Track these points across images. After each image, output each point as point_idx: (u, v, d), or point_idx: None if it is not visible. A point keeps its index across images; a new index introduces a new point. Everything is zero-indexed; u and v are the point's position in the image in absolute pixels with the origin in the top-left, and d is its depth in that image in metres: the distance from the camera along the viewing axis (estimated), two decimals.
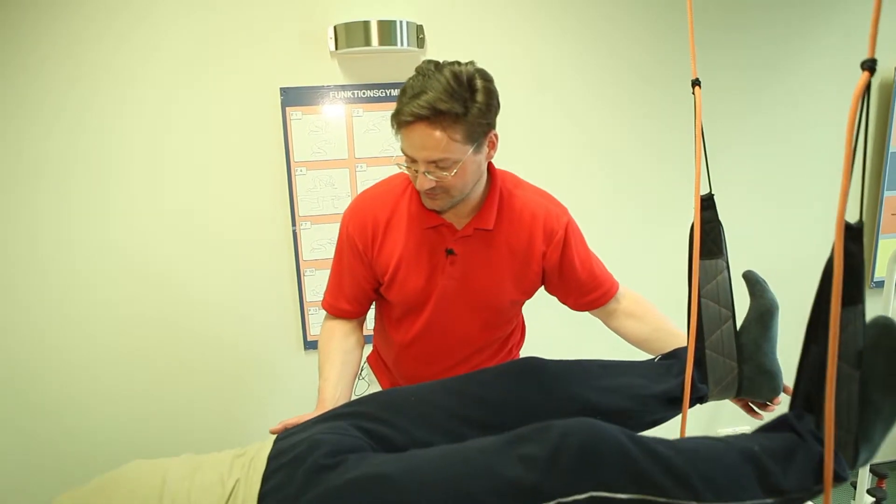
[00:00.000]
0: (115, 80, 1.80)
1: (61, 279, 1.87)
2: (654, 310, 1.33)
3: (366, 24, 1.80)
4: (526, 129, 2.01)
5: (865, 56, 0.61)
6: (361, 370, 1.44)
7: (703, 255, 1.00)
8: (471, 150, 1.07)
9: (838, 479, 0.75)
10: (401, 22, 1.83)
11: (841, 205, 0.60)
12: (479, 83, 1.06)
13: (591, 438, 0.78)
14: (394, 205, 1.23)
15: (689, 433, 1.02)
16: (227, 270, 1.95)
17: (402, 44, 1.83)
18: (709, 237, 0.98)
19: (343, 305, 1.30)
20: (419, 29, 1.88)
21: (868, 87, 0.63)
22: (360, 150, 1.97)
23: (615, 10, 1.97)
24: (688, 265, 0.99)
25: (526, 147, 2.02)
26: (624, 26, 1.98)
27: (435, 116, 1.02)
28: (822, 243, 1.39)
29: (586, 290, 1.29)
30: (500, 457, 0.80)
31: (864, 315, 0.71)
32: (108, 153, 1.84)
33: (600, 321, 1.35)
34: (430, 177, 1.08)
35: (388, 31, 1.81)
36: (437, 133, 1.04)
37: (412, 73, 1.08)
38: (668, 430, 0.91)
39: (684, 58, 1.98)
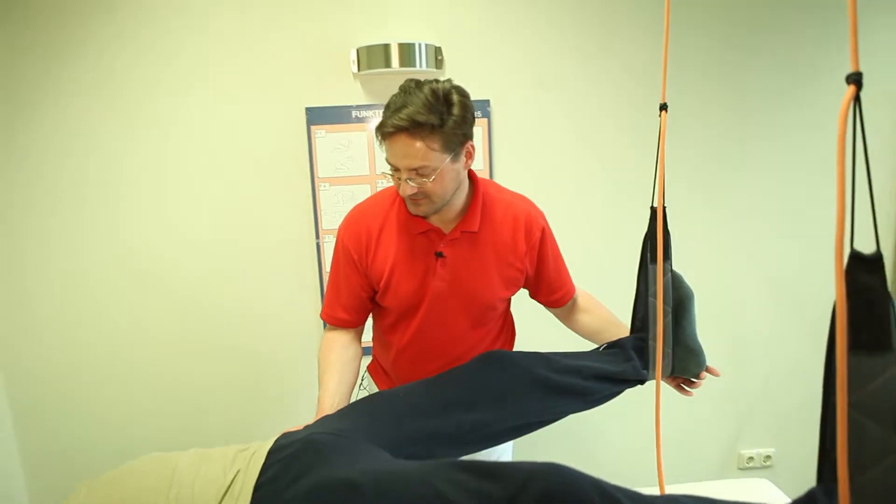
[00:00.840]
0: (153, 98, 1.81)
1: (97, 289, 1.89)
2: (601, 306, 1.44)
3: (386, 46, 1.77)
4: (536, 147, 1.96)
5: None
6: (362, 379, 1.43)
7: (653, 260, 1.12)
8: (448, 159, 1.13)
9: None
10: (420, 44, 1.79)
11: (839, 231, 0.53)
12: (455, 98, 1.11)
13: (555, 487, 0.74)
14: (384, 215, 1.27)
15: (712, 455, 1.04)
16: (252, 280, 1.95)
17: (420, 65, 1.79)
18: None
19: (341, 314, 1.32)
20: (437, 51, 1.83)
21: (858, 101, 0.55)
22: (381, 166, 1.93)
23: (630, 33, 1.89)
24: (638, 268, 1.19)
25: (538, 163, 1.96)
26: (638, 48, 1.90)
27: (414, 128, 1.08)
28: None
29: (554, 287, 1.37)
30: (460, 491, 0.78)
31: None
32: (143, 167, 1.85)
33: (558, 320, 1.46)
34: (411, 183, 1.13)
35: (407, 53, 1.78)
36: (417, 143, 1.09)
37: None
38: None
39: (701, 76, 1.91)
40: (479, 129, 1.92)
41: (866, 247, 0.60)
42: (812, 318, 2.09)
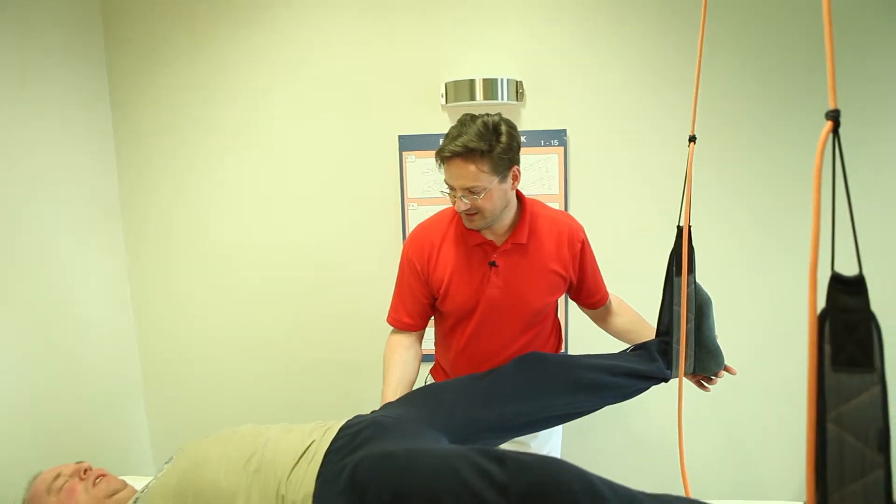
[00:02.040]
0: (271, 125, 2.08)
1: (219, 288, 2.19)
2: (630, 308, 1.57)
3: (472, 81, 1.92)
4: (608, 173, 2.01)
5: None
6: (425, 381, 1.56)
7: (679, 273, 1.25)
8: (496, 180, 1.28)
9: None
10: (502, 79, 1.92)
11: (813, 254, 0.57)
12: (503, 129, 1.27)
13: (546, 479, 0.82)
14: (444, 231, 1.45)
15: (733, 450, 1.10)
16: (346, 286, 2.15)
17: (502, 98, 1.92)
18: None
19: (405, 318, 1.47)
20: (518, 84, 1.95)
21: (837, 137, 0.59)
22: None
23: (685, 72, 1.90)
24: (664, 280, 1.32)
25: (608, 188, 2.01)
26: (711, 79, 1.90)
27: (467, 153, 1.24)
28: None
29: (592, 292, 1.51)
30: (470, 466, 0.91)
31: (882, 385, 0.63)
32: (261, 186, 2.12)
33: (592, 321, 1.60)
34: (465, 200, 1.29)
35: (490, 87, 1.92)
36: (470, 166, 1.25)
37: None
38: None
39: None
40: (555, 156, 2.00)
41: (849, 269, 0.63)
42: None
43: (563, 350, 1.70)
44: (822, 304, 0.63)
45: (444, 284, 1.42)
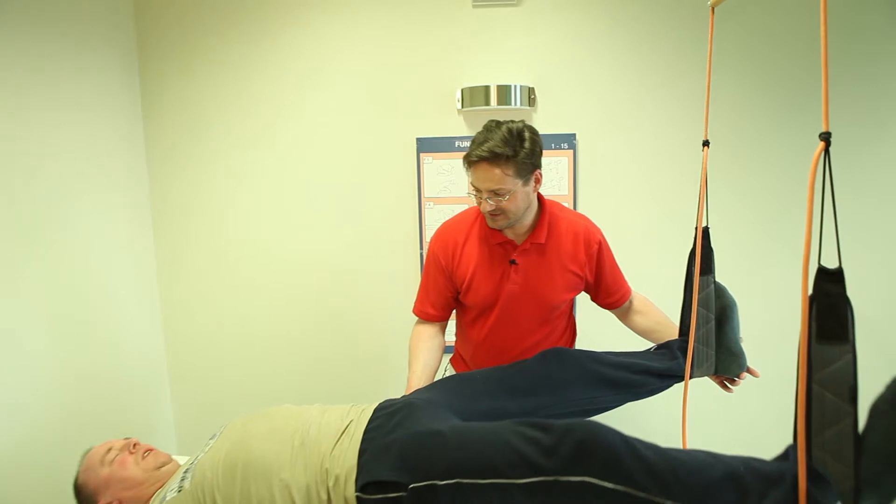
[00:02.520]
0: (298, 126, 2.22)
1: (253, 281, 2.32)
2: (655, 308, 1.62)
3: (486, 87, 2.07)
4: (615, 175, 2.16)
5: None
6: (444, 370, 1.69)
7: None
8: (520, 183, 1.37)
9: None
10: (515, 86, 2.07)
11: (805, 252, 0.73)
12: (526, 135, 1.36)
13: (589, 438, 0.93)
14: (468, 230, 1.53)
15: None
16: (365, 278, 2.28)
17: (515, 103, 2.07)
18: (704, 259, 1.22)
19: (429, 310, 1.58)
20: (531, 91, 2.10)
21: (827, 154, 0.75)
22: None
23: (691, 80, 2.04)
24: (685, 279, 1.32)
25: (615, 189, 2.16)
26: (695, 91, 2.04)
27: (493, 158, 1.33)
28: None
29: (611, 291, 1.57)
30: (518, 436, 1.00)
31: (853, 353, 0.79)
32: (287, 184, 2.26)
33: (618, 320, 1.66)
34: (490, 202, 1.38)
35: (504, 93, 2.06)
36: (495, 170, 1.33)
37: None
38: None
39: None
40: (564, 159, 2.16)
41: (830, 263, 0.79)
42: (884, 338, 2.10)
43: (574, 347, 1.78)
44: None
45: (467, 279, 1.51)
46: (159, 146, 2.25)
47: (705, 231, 1.25)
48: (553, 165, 2.16)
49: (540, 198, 1.51)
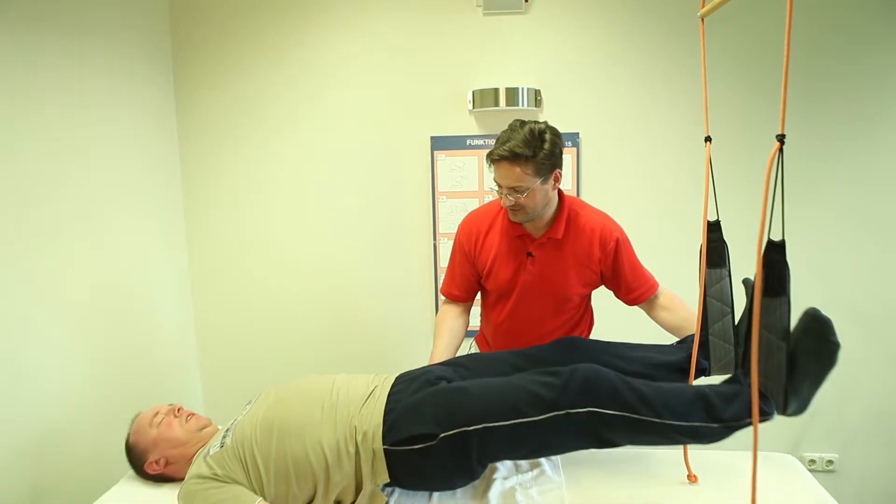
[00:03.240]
0: (316, 126, 2.42)
1: (277, 267, 2.54)
2: (683, 304, 1.63)
3: (496, 90, 2.26)
4: (616, 172, 2.35)
5: None
6: (469, 347, 1.87)
7: (709, 265, 1.25)
8: (539, 182, 1.46)
9: (764, 414, 1.06)
10: (523, 88, 2.26)
11: (760, 234, 0.92)
12: (547, 136, 1.45)
13: (592, 376, 1.15)
14: (491, 221, 1.65)
15: (776, 454, 1.37)
16: (382, 268, 2.48)
17: (523, 104, 2.26)
18: (715, 252, 1.25)
19: (454, 292, 1.73)
20: (537, 93, 2.30)
21: (781, 154, 0.94)
22: (488, 183, 2.41)
23: (691, 81, 2.20)
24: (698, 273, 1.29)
25: (617, 185, 2.35)
26: (691, 89, 2.21)
27: (513, 157, 1.42)
28: None
29: (632, 287, 1.63)
30: (532, 382, 1.20)
31: (788, 304, 0.99)
32: (309, 176, 2.47)
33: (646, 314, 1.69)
34: (510, 197, 1.48)
35: (512, 95, 2.25)
36: (515, 169, 1.43)
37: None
38: None
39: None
40: (568, 157, 2.35)
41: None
42: (880, 328, 2.27)
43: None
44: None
45: (487, 266, 1.63)
46: (191, 137, 2.47)
47: (717, 224, 1.24)
48: None
49: (561, 195, 1.60)
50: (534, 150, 1.42)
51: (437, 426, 1.20)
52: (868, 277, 2.29)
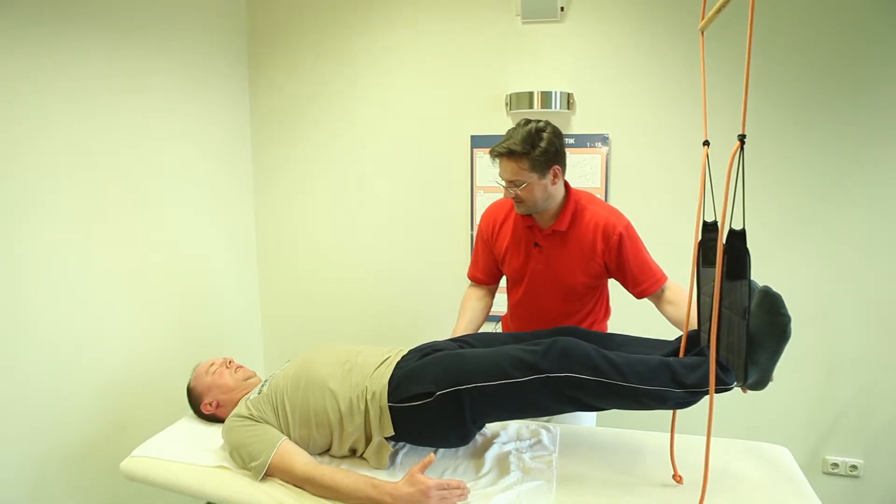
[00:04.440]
0: (368, 124, 2.64)
1: (333, 251, 2.78)
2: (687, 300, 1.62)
3: (531, 93, 2.38)
4: (645, 171, 2.42)
5: None
6: (495, 327, 2.00)
7: (705, 265, 1.23)
8: (536, 177, 1.57)
9: (723, 383, 1.15)
10: (556, 92, 2.38)
11: (721, 228, 1.03)
12: (545, 134, 1.54)
13: (569, 347, 1.28)
14: (507, 212, 1.79)
15: (796, 453, 1.54)
16: (424, 259, 2.66)
17: (556, 107, 2.38)
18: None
19: (478, 275, 1.89)
20: (569, 96, 2.41)
21: (742, 157, 1.03)
22: None
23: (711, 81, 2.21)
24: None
25: (645, 185, 2.42)
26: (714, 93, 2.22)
27: (510, 154, 1.55)
28: None
29: (639, 281, 1.67)
30: (518, 350, 1.35)
31: (748, 286, 1.08)
32: (361, 170, 2.69)
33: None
34: (510, 190, 1.61)
35: (546, 98, 2.37)
36: (512, 164, 1.56)
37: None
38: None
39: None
40: (598, 157, 2.44)
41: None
42: None
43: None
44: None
45: (502, 253, 1.78)
46: (262, 131, 2.77)
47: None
48: (588, 161, 2.45)
49: (569, 189, 1.69)
50: (531, 147, 1.53)
51: (435, 385, 1.36)
52: (893, 277, 2.24)
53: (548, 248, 1.70)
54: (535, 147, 1.54)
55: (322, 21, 2.63)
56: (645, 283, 1.67)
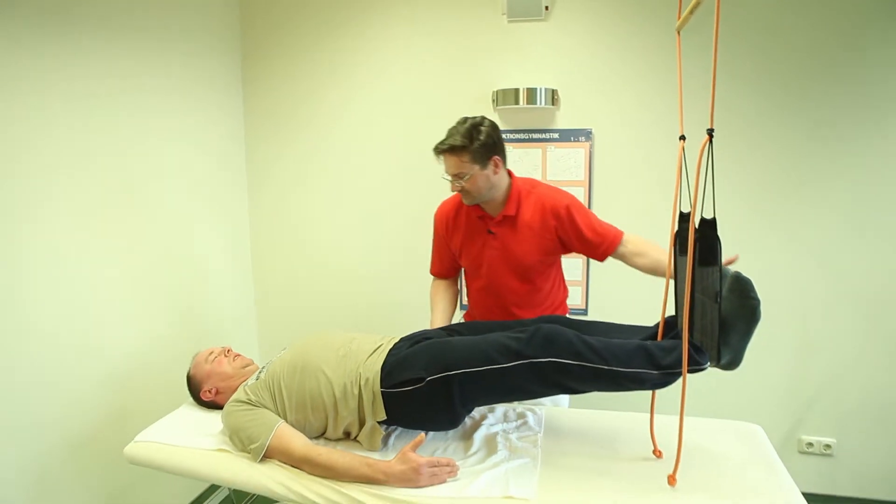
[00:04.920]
0: (362, 116, 2.69)
1: (329, 244, 2.84)
2: (651, 245, 1.71)
3: (516, 90, 2.44)
4: (627, 164, 2.49)
5: None
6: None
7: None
8: (477, 168, 1.67)
9: (697, 363, 1.21)
10: (541, 88, 2.44)
11: (692, 216, 1.09)
12: (482, 129, 1.67)
13: (552, 333, 1.34)
14: (457, 207, 1.89)
15: (771, 434, 1.59)
16: (414, 252, 2.65)
17: (541, 103, 2.44)
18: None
19: (439, 269, 2.00)
20: (554, 92, 2.47)
21: (711, 149, 1.09)
22: None
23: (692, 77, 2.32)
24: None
25: (627, 175, 2.49)
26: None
27: (450, 149, 1.67)
28: None
29: (596, 244, 1.74)
30: (503, 336, 1.41)
31: (720, 272, 1.15)
32: (354, 162, 2.74)
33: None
34: (456, 183, 1.71)
35: (531, 94, 2.43)
36: (453, 158, 1.67)
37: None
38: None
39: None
40: (582, 151, 2.51)
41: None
42: (879, 317, 2.32)
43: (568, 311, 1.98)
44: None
45: (459, 247, 1.87)
46: (255, 135, 2.81)
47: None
48: (572, 155, 2.52)
49: (512, 178, 1.80)
50: (469, 141, 1.64)
51: (425, 371, 1.42)
52: (868, 269, 2.34)
53: (501, 234, 1.79)
54: (474, 140, 1.64)
55: (314, 22, 2.67)
56: (604, 244, 1.74)
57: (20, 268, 1.70)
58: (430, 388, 1.41)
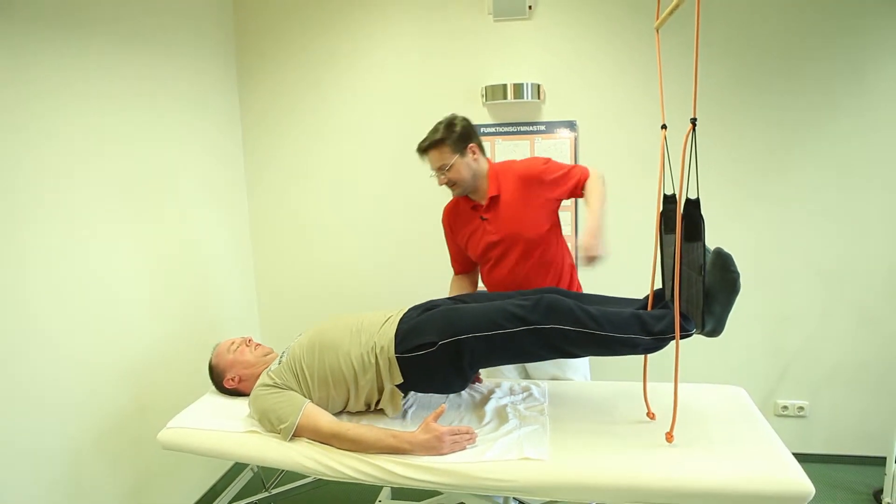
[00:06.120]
0: (355, 112, 2.78)
1: (328, 238, 2.91)
2: (593, 188, 1.82)
3: (504, 85, 2.56)
4: (610, 153, 2.62)
5: None
6: None
7: (686, 239, 1.32)
8: (457, 156, 1.83)
9: (684, 330, 1.34)
10: (527, 83, 2.55)
11: (679, 199, 1.21)
12: (457, 121, 1.85)
13: (554, 302, 1.45)
14: (456, 204, 2.04)
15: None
16: (406, 245, 2.82)
17: (527, 97, 2.55)
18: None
19: (456, 265, 2.11)
20: (539, 87, 2.58)
21: (694, 136, 1.21)
22: None
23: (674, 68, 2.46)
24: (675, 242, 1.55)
25: (611, 165, 2.59)
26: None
27: (431, 145, 1.84)
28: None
29: (574, 189, 1.85)
30: (509, 304, 1.51)
31: (704, 246, 1.27)
32: (348, 156, 2.82)
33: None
34: (441, 176, 1.86)
35: (518, 89, 2.55)
36: (435, 152, 1.84)
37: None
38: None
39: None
40: (567, 141, 2.63)
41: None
42: (849, 291, 2.51)
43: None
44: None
45: (465, 241, 2.00)
46: (251, 133, 2.87)
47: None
48: (558, 146, 2.64)
49: (489, 163, 1.93)
50: (447, 132, 1.82)
51: (437, 336, 1.52)
52: (831, 248, 2.52)
53: (493, 217, 1.90)
54: (452, 132, 1.82)
55: (307, 22, 2.74)
56: (578, 187, 1.86)
57: (58, 269, 1.80)
58: (442, 352, 1.50)
